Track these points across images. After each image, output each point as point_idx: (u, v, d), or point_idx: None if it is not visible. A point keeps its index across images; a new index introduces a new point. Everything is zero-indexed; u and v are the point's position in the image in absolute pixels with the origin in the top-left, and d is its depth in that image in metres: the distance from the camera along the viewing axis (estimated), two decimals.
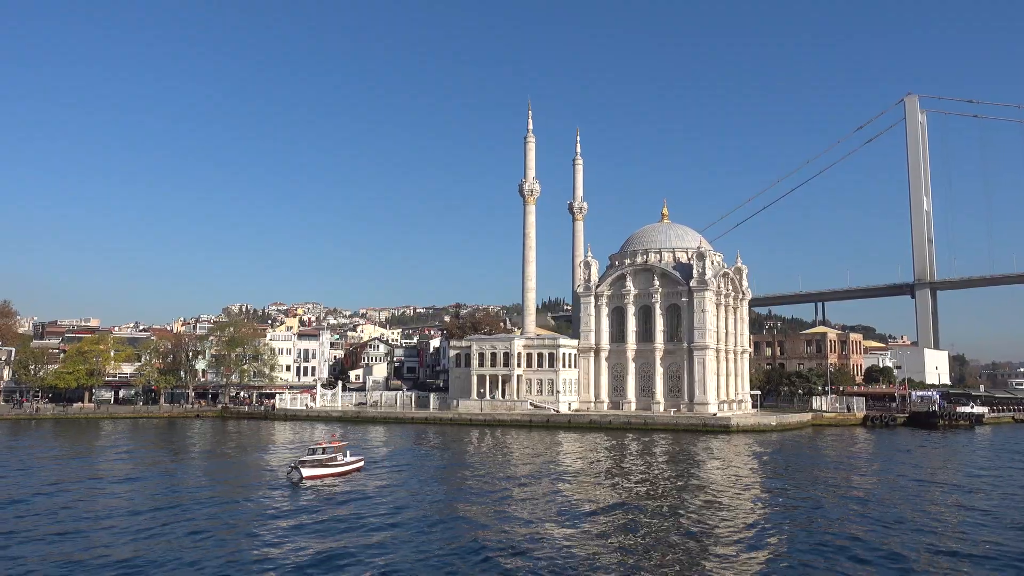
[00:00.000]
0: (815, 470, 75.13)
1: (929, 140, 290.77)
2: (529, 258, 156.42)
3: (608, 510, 52.70)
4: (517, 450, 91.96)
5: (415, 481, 65.96)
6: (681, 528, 47.12)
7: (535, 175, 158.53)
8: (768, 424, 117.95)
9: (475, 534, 44.83)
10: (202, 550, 41.01)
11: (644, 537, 44.54)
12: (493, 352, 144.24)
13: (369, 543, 42.92)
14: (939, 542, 43.84)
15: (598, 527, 47.27)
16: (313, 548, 41.66)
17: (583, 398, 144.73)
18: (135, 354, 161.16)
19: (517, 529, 46.46)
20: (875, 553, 41.24)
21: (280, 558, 39.74)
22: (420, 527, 47.11)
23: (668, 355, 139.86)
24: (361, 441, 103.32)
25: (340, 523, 48.09)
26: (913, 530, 46.83)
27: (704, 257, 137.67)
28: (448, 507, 53.85)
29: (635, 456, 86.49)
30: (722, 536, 45.07)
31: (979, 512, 52.60)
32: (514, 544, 42.45)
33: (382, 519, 49.54)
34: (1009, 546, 42.72)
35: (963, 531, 46.94)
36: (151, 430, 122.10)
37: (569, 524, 48.08)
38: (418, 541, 43.48)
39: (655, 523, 48.49)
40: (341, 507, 53.59)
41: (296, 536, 44.62)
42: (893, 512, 52.76)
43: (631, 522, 48.72)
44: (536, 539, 43.73)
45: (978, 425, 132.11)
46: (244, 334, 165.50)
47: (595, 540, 43.68)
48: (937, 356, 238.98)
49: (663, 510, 52.83)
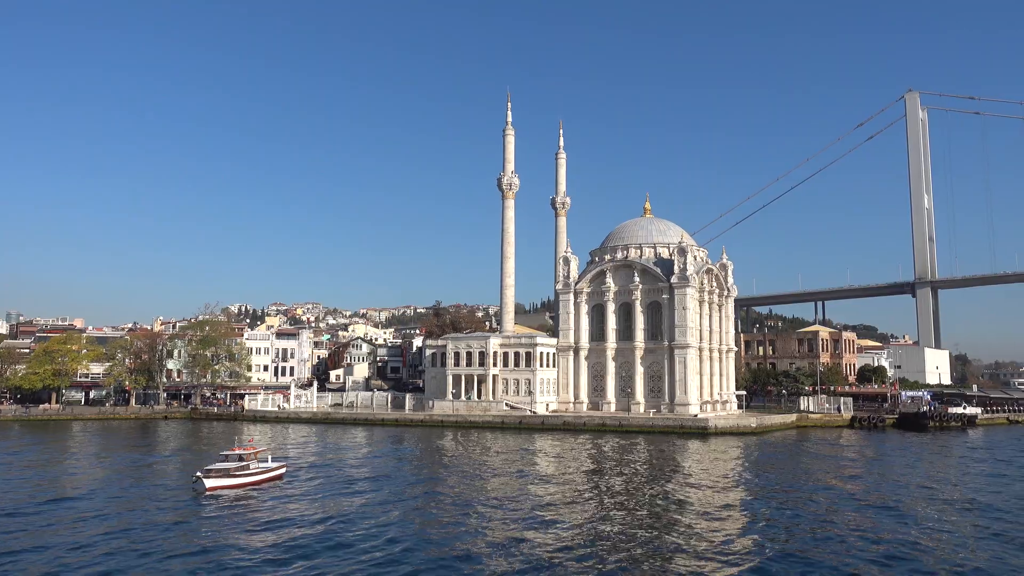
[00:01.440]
0: (785, 478, 70.09)
1: (930, 137, 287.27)
2: (507, 254, 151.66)
3: (556, 524, 47.65)
4: (475, 455, 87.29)
5: (336, 493, 58.73)
6: (620, 543, 42.46)
7: (514, 169, 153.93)
8: (748, 426, 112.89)
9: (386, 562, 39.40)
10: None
11: (586, 558, 39.78)
12: (469, 351, 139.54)
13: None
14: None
15: (544, 543, 42.56)
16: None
17: (562, 399, 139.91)
18: (105, 354, 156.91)
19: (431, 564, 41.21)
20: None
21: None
22: (315, 552, 40.71)
23: (649, 354, 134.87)
24: (314, 444, 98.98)
25: (209, 553, 40.27)
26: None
27: (685, 252, 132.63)
28: (363, 527, 46.64)
29: (601, 460, 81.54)
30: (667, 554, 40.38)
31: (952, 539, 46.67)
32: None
33: (271, 542, 42.64)
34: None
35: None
36: (108, 432, 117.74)
37: (514, 546, 42.83)
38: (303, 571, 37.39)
39: (602, 537, 43.84)
40: (231, 527, 46.43)
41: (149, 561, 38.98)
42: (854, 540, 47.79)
43: (579, 536, 44.29)
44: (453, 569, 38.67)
45: (970, 426, 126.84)
46: (219, 333, 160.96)
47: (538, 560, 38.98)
48: (937, 356, 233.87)
49: (611, 523, 48.05)
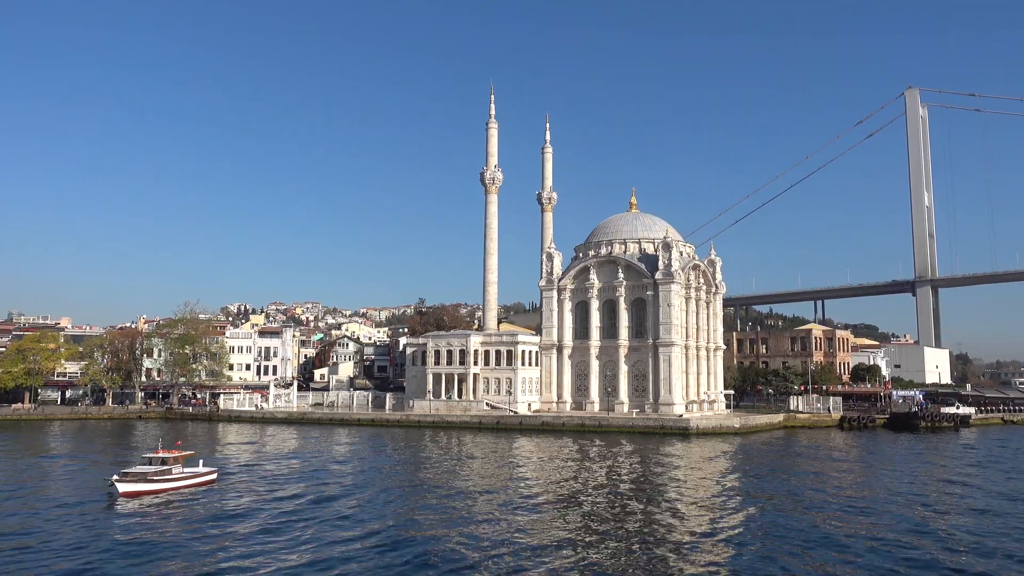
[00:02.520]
0: (759, 485, 66.37)
1: (930, 135, 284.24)
2: (490, 250, 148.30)
3: (505, 539, 44.08)
4: (437, 458, 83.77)
5: (263, 504, 52.56)
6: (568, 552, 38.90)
7: (497, 163, 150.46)
8: (731, 427, 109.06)
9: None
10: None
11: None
12: (449, 350, 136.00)
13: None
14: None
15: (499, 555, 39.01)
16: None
17: (545, 398, 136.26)
18: (81, 353, 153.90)
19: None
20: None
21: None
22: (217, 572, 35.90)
23: (633, 352, 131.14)
24: (274, 444, 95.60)
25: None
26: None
27: (670, 247, 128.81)
28: (281, 542, 41.88)
29: (569, 464, 77.73)
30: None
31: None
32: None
33: (167, 555, 38.43)
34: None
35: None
36: (69, 433, 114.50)
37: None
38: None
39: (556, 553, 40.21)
40: (133, 537, 41.90)
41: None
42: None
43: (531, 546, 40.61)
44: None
45: (964, 427, 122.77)
46: (198, 331, 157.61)
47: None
48: (937, 355, 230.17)
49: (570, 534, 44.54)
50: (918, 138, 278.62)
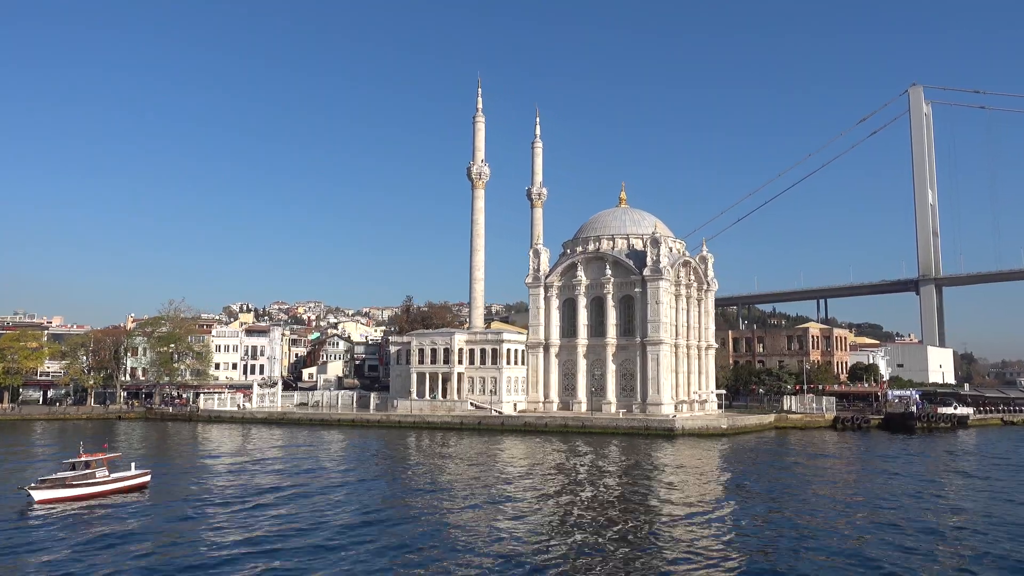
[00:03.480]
0: (737, 489, 62.97)
1: (934, 132, 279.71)
2: (477, 246, 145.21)
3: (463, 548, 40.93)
4: (406, 461, 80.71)
5: (198, 512, 48.76)
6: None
7: (484, 157, 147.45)
8: (718, 427, 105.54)
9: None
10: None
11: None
12: (433, 348, 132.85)
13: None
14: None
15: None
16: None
17: (531, 398, 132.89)
18: (63, 352, 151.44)
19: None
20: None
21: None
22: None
23: (621, 351, 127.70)
24: (235, 445, 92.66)
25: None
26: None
27: (659, 243, 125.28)
28: (201, 555, 38.23)
29: (546, 467, 74.44)
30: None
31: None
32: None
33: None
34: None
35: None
36: (44, 434, 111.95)
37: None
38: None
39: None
40: (42, 551, 38.16)
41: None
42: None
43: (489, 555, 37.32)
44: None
45: (961, 428, 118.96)
46: (182, 330, 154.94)
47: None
48: (941, 354, 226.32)
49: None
50: (922, 136, 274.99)
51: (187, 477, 64.28)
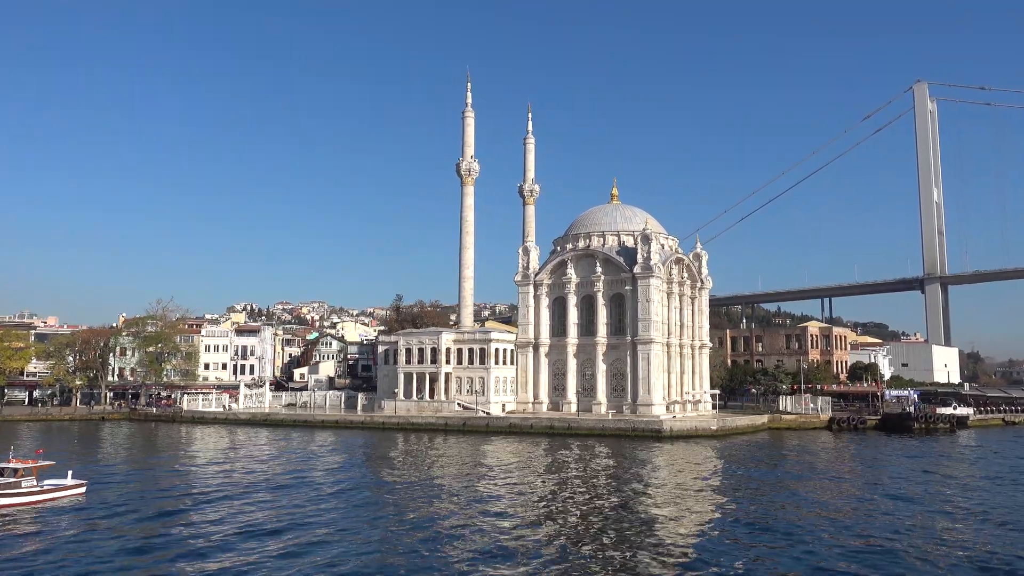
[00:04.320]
0: (720, 494, 59.97)
1: (940, 129, 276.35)
2: (466, 244, 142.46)
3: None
4: (379, 464, 78.05)
5: (125, 529, 44.08)
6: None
7: (473, 154, 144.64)
8: (707, 429, 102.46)
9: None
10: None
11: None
12: (420, 348, 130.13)
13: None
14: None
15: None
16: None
17: (521, 398, 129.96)
18: (48, 352, 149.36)
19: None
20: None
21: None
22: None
23: (612, 350, 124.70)
24: (202, 448, 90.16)
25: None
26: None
27: (650, 240, 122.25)
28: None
29: (521, 472, 71.70)
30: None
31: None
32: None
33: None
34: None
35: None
36: (22, 435, 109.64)
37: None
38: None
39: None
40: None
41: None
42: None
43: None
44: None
45: (961, 428, 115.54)
46: (168, 330, 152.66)
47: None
48: (946, 353, 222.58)
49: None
50: (927, 133, 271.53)
51: (138, 483, 61.28)
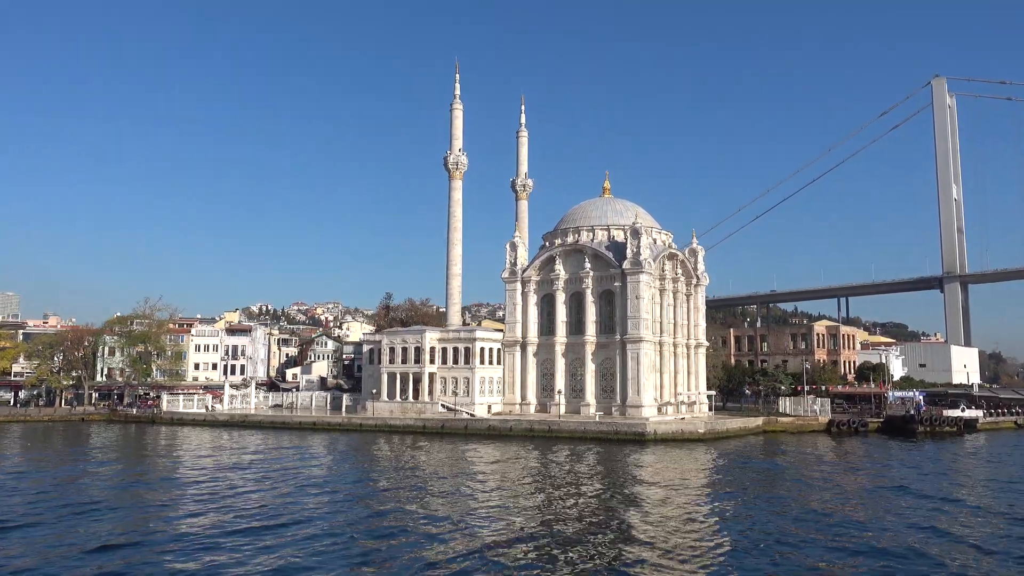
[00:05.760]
0: (690, 513, 54.78)
1: (959, 125, 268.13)
2: (454, 240, 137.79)
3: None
4: (337, 472, 73.61)
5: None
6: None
7: (462, 147, 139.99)
8: (694, 432, 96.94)
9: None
10: None
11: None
12: (404, 347, 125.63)
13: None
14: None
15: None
16: None
17: (507, 400, 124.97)
18: (33, 352, 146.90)
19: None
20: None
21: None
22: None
23: (601, 349, 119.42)
24: (151, 452, 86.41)
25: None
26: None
27: (639, 234, 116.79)
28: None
29: (476, 483, 67.01)
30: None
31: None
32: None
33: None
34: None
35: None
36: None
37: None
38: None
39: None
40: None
41: None
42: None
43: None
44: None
45: (969, 431, 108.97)
46: (153, 330, 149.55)
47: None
48: (966, 353, 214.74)
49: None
50: (945, 129, 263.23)
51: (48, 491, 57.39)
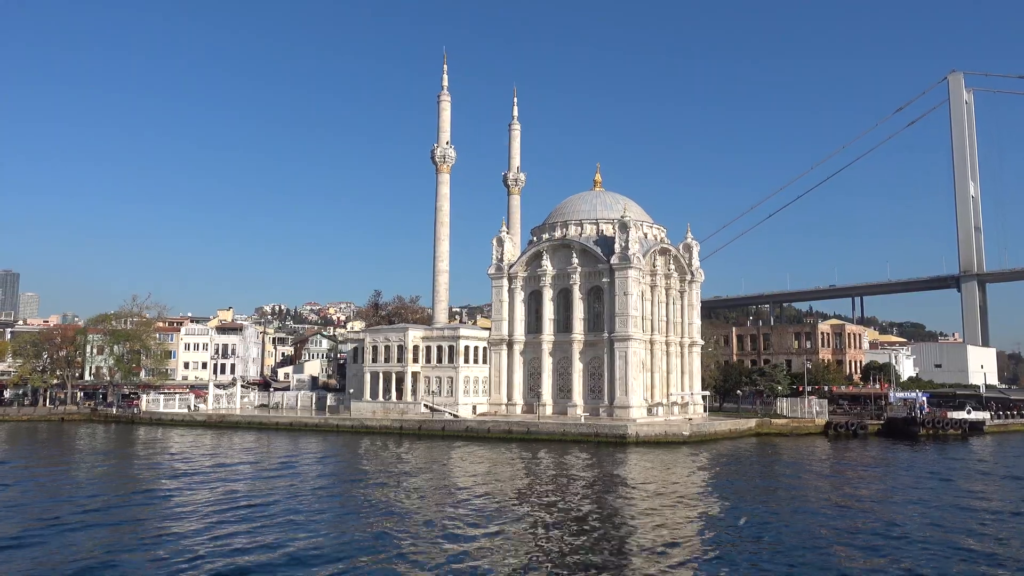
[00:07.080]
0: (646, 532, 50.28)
1: (976, 120, 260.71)
2: (441, 235, 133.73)
3: None
4: (302, 477, 69.76)
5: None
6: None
7: (449, 140, 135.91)
8: (679, 435, 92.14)
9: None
10: None
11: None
12: (387, 346, 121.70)
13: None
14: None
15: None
16: None
17: (494, 399, 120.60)
18: (16, 350, 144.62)
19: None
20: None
21: None
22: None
23: (589, 348, 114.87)
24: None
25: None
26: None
27: (628, 228, 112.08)
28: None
29: (434, 489, 62.85)
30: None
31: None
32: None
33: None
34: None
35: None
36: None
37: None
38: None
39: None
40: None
41: None
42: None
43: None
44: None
45: (976, 434, 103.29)
46: (139, 329, 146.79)
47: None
48: (983, 353, 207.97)
49: None
50: (962, 125, 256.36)
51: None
